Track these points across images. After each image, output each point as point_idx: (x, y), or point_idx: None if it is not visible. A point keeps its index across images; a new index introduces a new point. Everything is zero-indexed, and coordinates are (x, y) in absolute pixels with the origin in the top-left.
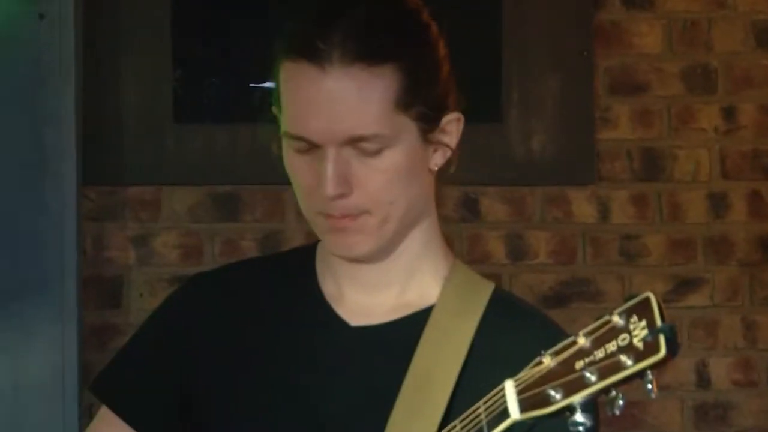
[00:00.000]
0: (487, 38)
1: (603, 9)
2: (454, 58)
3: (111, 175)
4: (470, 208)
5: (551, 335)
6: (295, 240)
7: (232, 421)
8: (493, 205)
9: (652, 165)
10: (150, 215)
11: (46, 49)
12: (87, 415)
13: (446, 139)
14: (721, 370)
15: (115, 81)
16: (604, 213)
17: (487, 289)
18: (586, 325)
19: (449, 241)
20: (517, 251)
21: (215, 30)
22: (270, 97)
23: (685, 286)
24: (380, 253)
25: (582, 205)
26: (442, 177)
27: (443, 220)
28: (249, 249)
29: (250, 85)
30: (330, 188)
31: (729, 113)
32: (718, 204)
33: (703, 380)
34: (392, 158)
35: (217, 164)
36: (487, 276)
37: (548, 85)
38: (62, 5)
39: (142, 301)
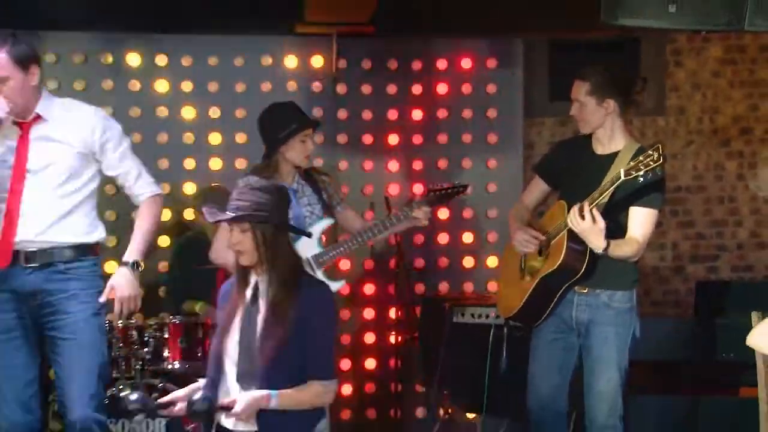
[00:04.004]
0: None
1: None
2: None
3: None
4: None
5: (641, 153)
6: None
7: (563, 183)
8: (642, 122)
9: None
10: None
11: (514, 89)
12: None
13: (604, 104)
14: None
15: (530, 95)
16: (676, 126)
17: (636, 144)
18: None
19: (630, 128)
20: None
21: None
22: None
23: None
24: (591, 130)
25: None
26: (623, 111)
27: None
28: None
29: None
30: (572, 112)
31: None
32: None
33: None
34: (585, 108)
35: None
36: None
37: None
38: (515, 79)
39: (545, 148)
